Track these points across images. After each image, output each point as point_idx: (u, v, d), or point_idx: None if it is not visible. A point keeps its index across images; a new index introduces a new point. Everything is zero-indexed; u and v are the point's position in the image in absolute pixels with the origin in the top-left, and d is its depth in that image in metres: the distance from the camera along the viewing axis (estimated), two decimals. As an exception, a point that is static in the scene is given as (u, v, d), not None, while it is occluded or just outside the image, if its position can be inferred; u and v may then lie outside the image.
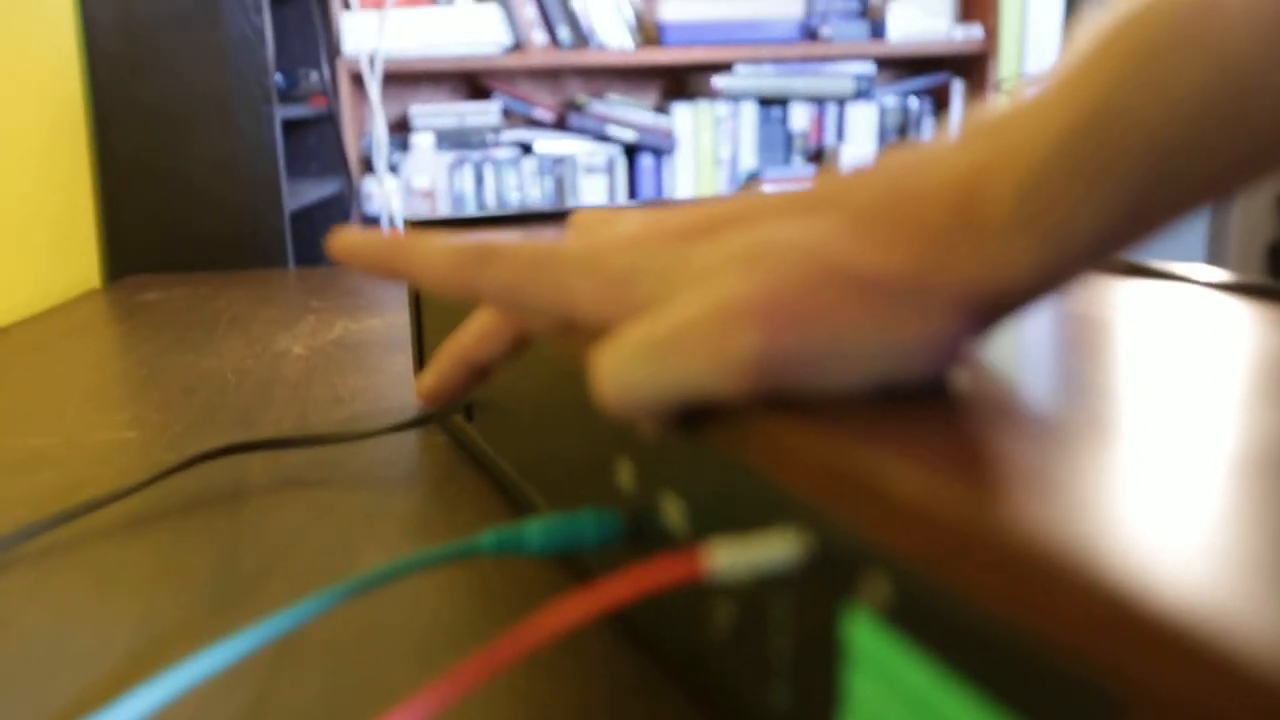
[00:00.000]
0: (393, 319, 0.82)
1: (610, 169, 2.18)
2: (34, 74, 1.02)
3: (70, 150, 1.11)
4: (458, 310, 0.47)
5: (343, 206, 1.67)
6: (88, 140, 1.16)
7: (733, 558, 0.22)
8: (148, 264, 1.19)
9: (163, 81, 1.17)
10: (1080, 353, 0.29)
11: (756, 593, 0.24)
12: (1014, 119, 0.24)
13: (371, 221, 2.05)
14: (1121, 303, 0.36)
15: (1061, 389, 0.25)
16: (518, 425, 0.41)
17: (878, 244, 0.25)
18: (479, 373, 0.39)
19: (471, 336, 0.38)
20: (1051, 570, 0.16)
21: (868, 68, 2.18)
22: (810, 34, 2.16)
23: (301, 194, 1.38)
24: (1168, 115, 0.21)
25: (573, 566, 0.37)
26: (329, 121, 1.64)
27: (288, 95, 1.41)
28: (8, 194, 0.95)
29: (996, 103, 0.25)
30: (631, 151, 2.20)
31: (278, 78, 1.31)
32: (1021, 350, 0.29)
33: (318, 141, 1.68)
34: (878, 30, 2.14)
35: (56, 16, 1.09)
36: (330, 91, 1.52)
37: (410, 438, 0.52)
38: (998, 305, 0.24)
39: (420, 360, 0.56)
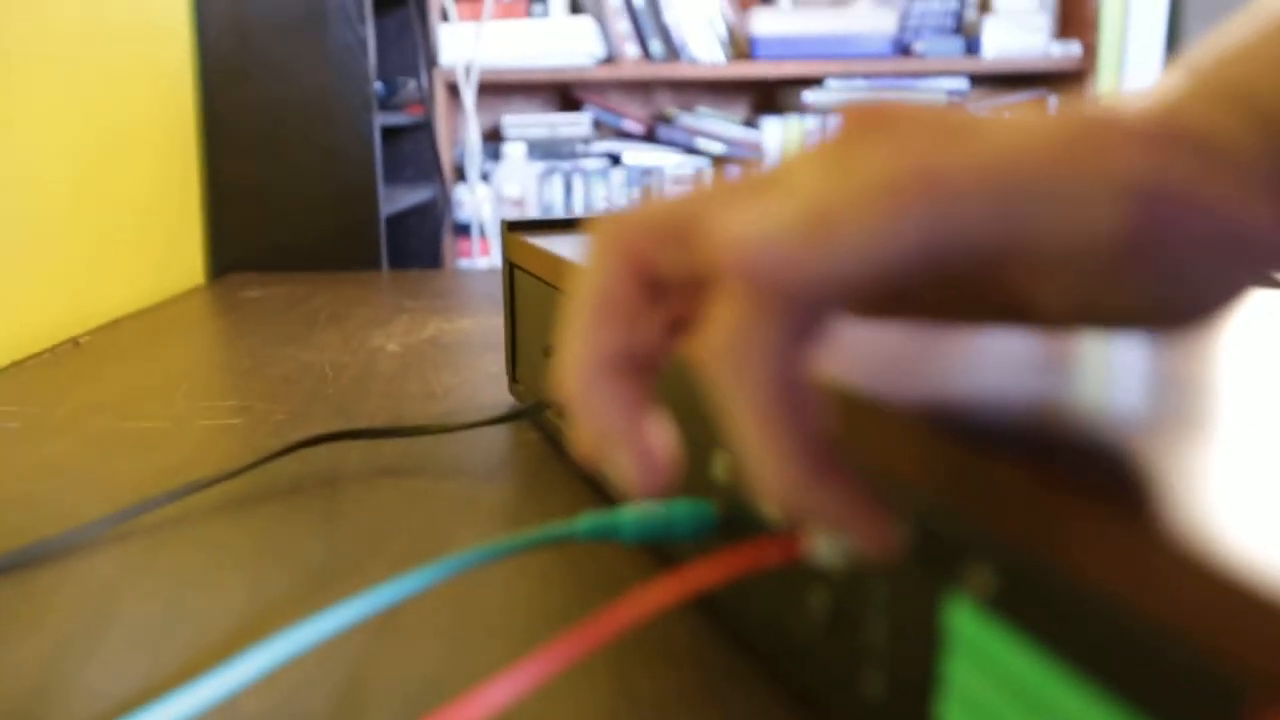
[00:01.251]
0: (484, 320, 0.84)
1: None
2: (150, 79, 1.06)
3: (181, 152, 1.15)
4: (548, 311, 0.48)
5: (435, 213, 1.70)
6: (197, 143, 1.20)
7: (833, 541, 0.22)
8: (248, 263, 1.23)
9: (270, 87, 1.21)
10: (1202, 358, 0.29)
11: (852, 580, 0.24)
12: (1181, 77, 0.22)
13: (462, 228, 2.08)
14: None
15: (1183, 390, 0.25)
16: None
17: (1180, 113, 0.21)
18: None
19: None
20: (1167, 555, 0.16)
21: (961, 84, 2.15)
22: (903, 49, 2.15)
23: (396, 199, 1.41)
24: None
25: (665, 558, 0.37)
26: (424, 129, 1.68)
27: (386, 103, 1.44)
28: (121, 193, 0.99)
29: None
30: (720, 164, 2.20)
31: (378, 86, 1.35)
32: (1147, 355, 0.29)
33: (413, 148, 1.71)
34: (972, 46, 2.12)
35: (172, 24, 1.13)
36: (427, 100, 1.55)
37: (503, 432, 0.53)
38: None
39: (513, 360, 0.57)
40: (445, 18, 1.98)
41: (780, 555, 0.22)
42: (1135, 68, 2.23)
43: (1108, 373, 0.26)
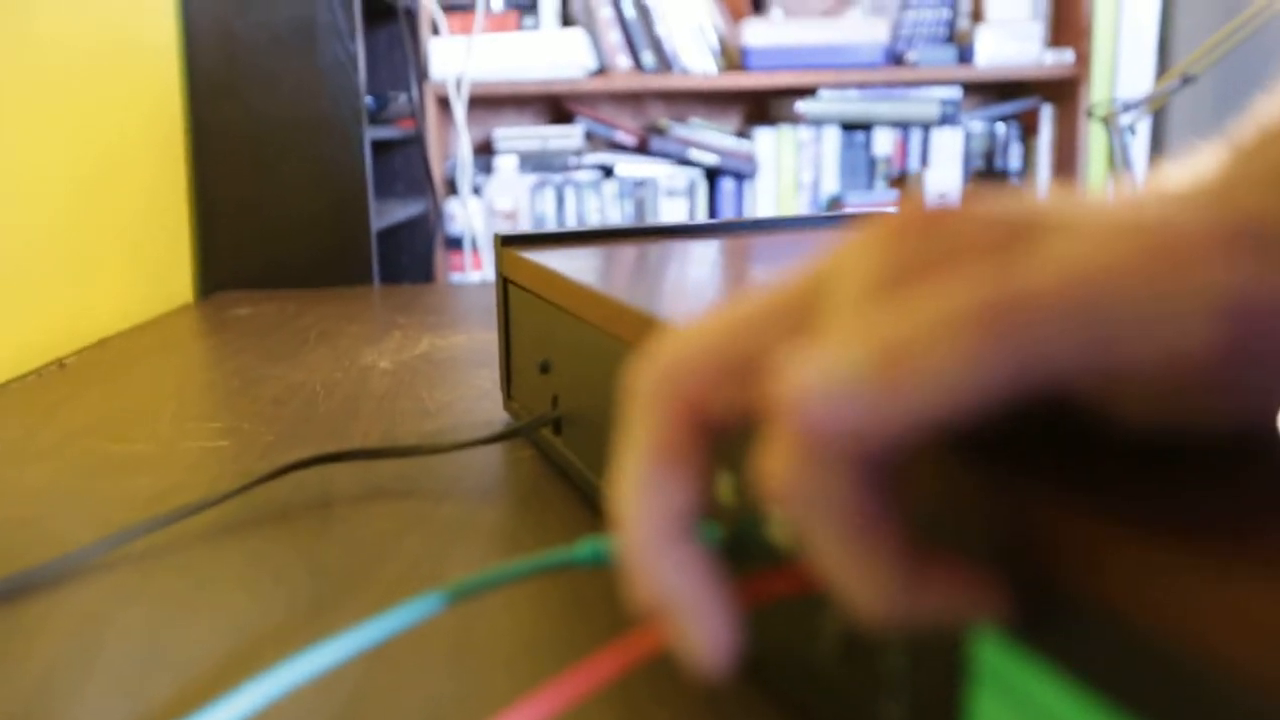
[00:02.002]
0: (477, 335, 0.83)
1: (691, 192, 2.18)
2: (138, 96, 1.05)
3: (170, 169, 1.14)
4: (543, 326, 0.47)
5: (427, 227, 1.69)
6: (186, 160, 1.19)
7: (850, 570, 0.21)
8: (237, 280, 1.22)
9: (259, 103, 1.20)
10: None
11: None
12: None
13: (454, 242, 2.07)
14: None
15: None
16: (609, 438, 0.41)
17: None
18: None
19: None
20: (1205, 584, 0.15)
21: (954, 93, 2.15)
22: (896, 59, 2.14)
23: (387, 213, 1.40)
24: None
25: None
26: (415, 143, 1.67)
27: (377, 117, 1.43)
28: (109, 211, 0.98)
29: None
30: (713, 175, 2.20)
31: (368, 100, 1.34)
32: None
33: (404, 163, 1.70)
34: (965, 55, 2.12)
35: (160, 41, 1.12)
36: (418, 114, 1.54)
37: (498, 451, 0.52)
38: None
39: (508, 377, 0.56)
40: (436, 31, 1.98)
41: (792, 586, 0.21)
42: (1127, 76, 2.23)
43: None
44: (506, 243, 0.54)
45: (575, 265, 0.46)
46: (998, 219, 0.19)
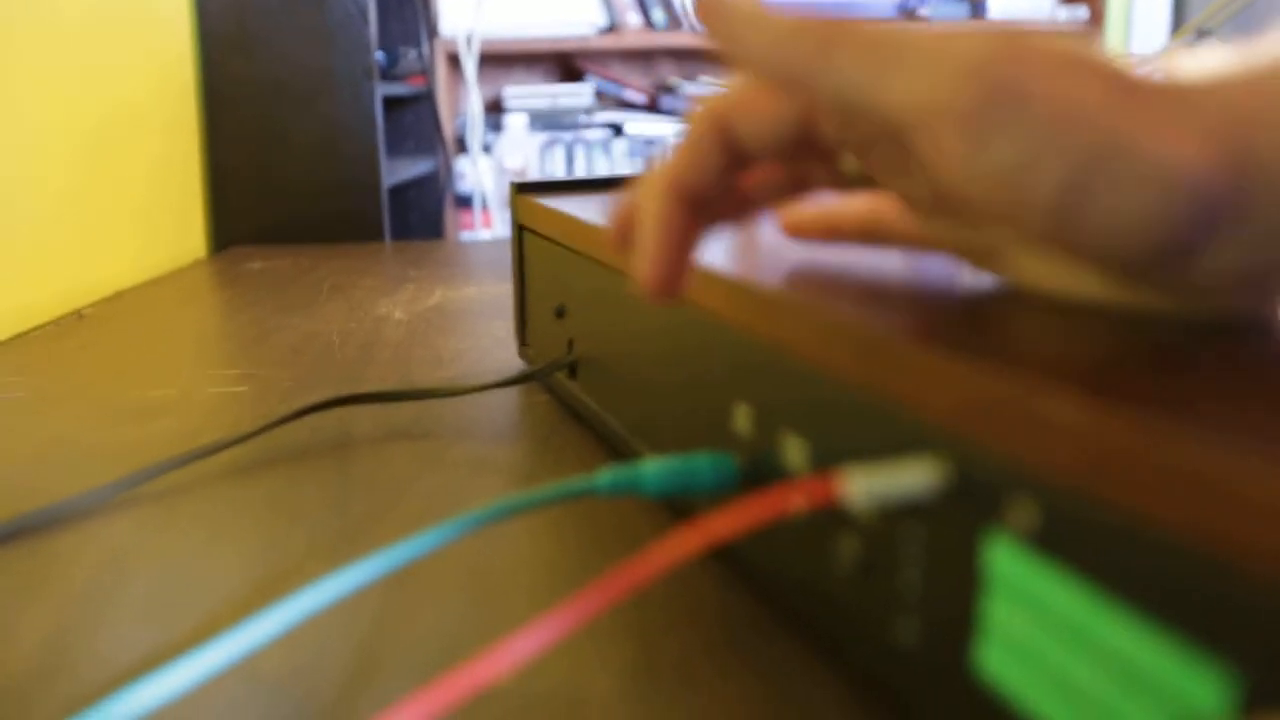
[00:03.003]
0: (490, 288, 0.83)
1: (701, 151, 2.17)
2: (149, 53, 1.05)
3: (181, 125, 1.14)
4: (558, 271, 0.47)
5: (437, 184, 1.69)
6: (197, 116, 1.19)
7: (870, 483, 0.21)
8: (250, 235, 1.22)
9: (270, 59, 1.19)
10: None
11: (885, 526, 0.24)
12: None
13: (464, 200, 2.07)
14: None
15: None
16: (624, 380, 0.41)
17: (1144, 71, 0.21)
18: (735, 160, 0.29)
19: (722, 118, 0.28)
20: (1217, 481, 0.15)
21: (966, 49, 2.13)
22: (908, 13, 2.13)
23: (398, 170, 1.40)
24: None
25: (685, 514, 0.37)
26: (426, 100, 1.66)
27: (387, 74, 1.42)
28: (123, 168, 0.98)
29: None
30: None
31: (378, 56, 1.33)
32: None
33: (414, 120, 1.70)
34: (978, 10, 2.10)
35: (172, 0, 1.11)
36: (428, 71, 1.54)
37: (513, 395, 0.53)
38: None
39: (523, 324, 0.56)
40: (445, -12, 1.97)
41: (807, 500, 0.22)
42: (1141, 31, 2.21)
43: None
44: (522, 190, 0.54)
45: (589, 210, 0.46)
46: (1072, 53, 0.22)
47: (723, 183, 0.29)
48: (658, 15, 2.07)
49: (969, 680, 0.21)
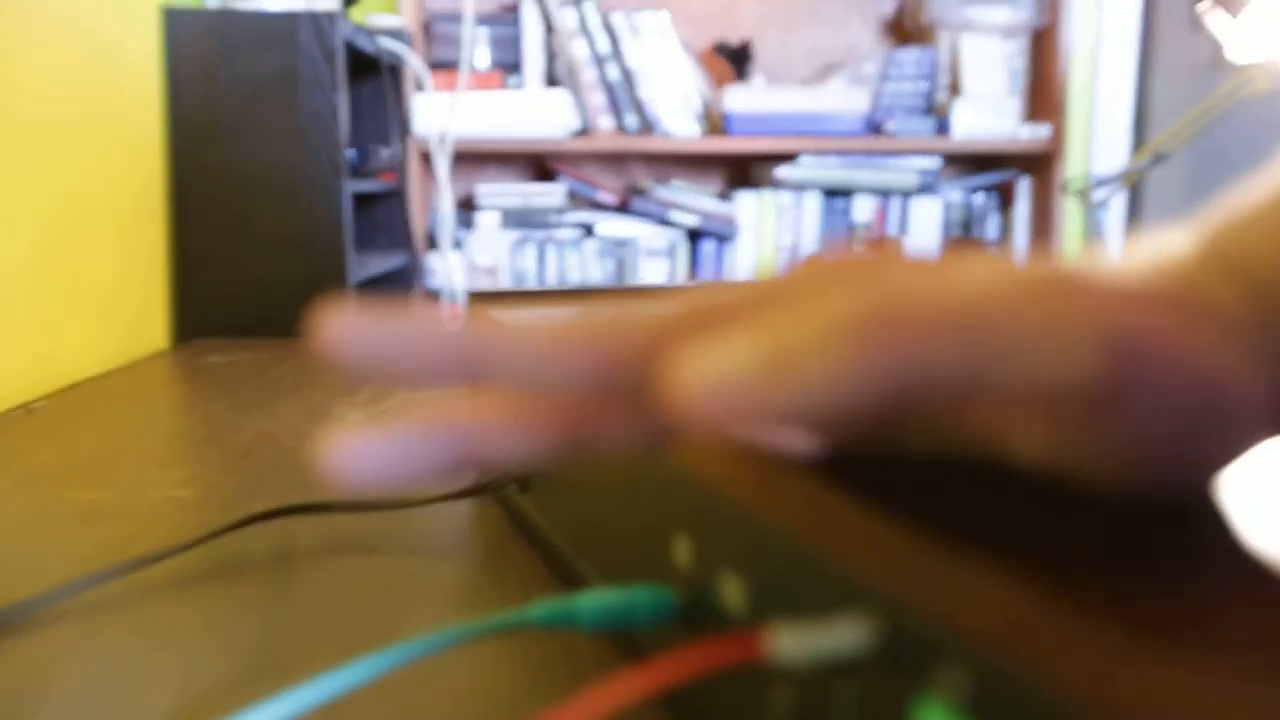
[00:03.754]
0: (450, 390, 0.82)
1: (672, 253, 2.19)
2: (119, 144, 1.06)
3: (148, 216, 1.14)
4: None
5: (406, 280, 1.69)
6: (165, 207, 1.19)
7: (796, 641, 0.21)
8: (214, 328, 1.21)
9: (240, 153, 1.20)
10: None
11: (819, 680, 0.23)
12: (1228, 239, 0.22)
13: (433, 296, 2.07)
14: None
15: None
16: (573, 499, 0.40)
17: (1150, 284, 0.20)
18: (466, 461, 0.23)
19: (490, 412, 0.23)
20: (1147, 665, 0.15)
21: (933, 163, 2.18)
22: (875, 128, 2.18)
23: (367, 265, 1.40)
24: None
25: (624, 644, 0.36)
26: (397, 197, 1.67)
27: (358, 170, 1.44)
28: (86, 257, 0.98)
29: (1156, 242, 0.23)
30: (694, 236, 2.22)
31: (350, 153, 1.35)
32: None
33: (385, 216, 1.71)
34: (943, 127, 2.15)
35: (143, 90, 1.12)
36: (400, 168, 1.55)
37: (462, 508, 0.52)
38: None
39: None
40: (420, 87, 2.00)
41: (740, 654, 0.21)
42: (1103, 150, 2.27)
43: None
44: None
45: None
46: (910, 262, 0.20)
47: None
48: (630, 120, 2.11)
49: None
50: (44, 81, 0.90)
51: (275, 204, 1.22)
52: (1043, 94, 2.20)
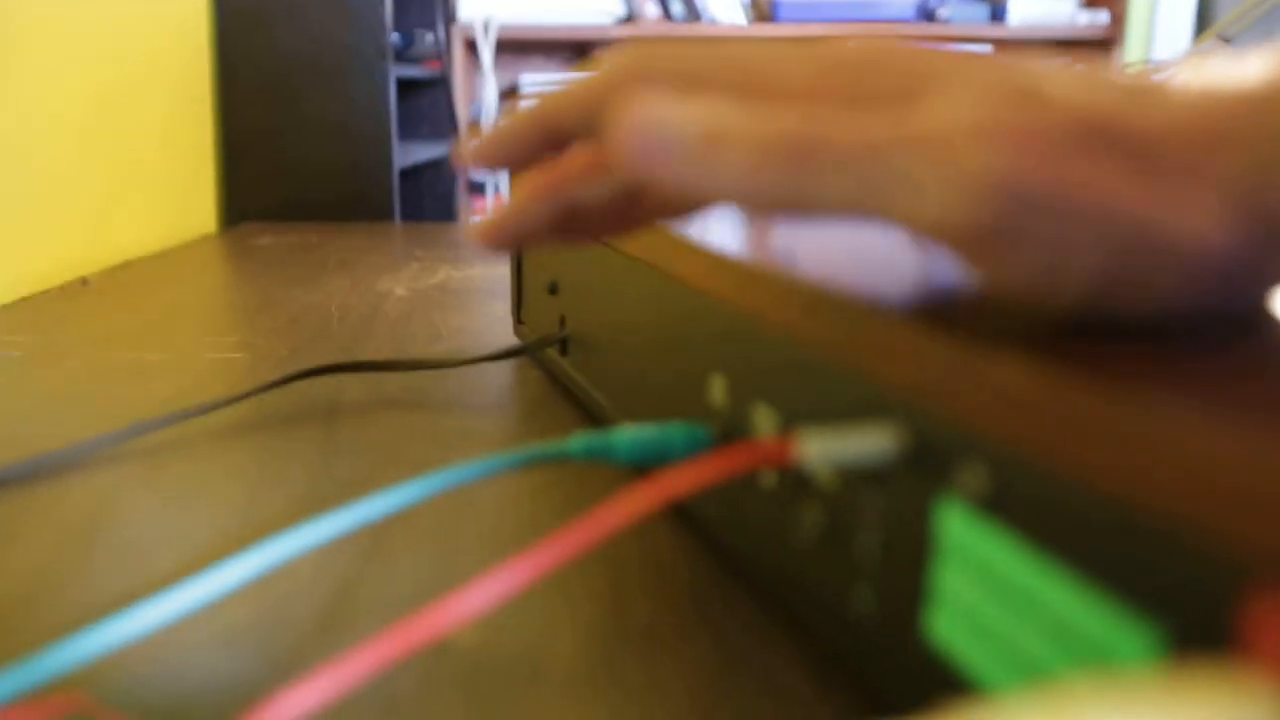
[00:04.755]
0: (494, 269, 0.83)
1: (716, 145, 2.17)
2: (165, 25, 1.06)
3: (195, 99, 1.14)
4: (554, 251, 0.48)
5: (449, 169, 1.69)
6: (212, 91, 1.19)
7: (824, 445, 0.21)
8: (260, 211, 1.22)
9: (285, 36, 1.20)
10: None
11: (846, 492, 0.24)
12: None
13: (475, 186, 2.07)
14: None
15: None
16: (610, 356, 0.41)
17: (1155, 112, 0.21)
18: (564, 213, 0.29)
19: (565, 173, 0.28)
20: (1164, 443, 0.15)
21: (986, 51, 2.13)
22: (928, 15, 2.12)
23: (411, 154, 1.40)
24: None
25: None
26: (441, 85, 1.66)
27: (403, 55, 1.43)
28: (134, 138, 0.99)
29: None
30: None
31: (394, 37, 1.33)
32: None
33: (429, 104, 1.70)
34: (998, 13, 2.09)
35: (187, -33, 1.12)
36: (444, 55, 1.54)
37: (504, 369, 0.53)
38: None
39: (519, 302, 0.56)
40: (465, -27, 1.97)
41: (764, 459, 0.22)
42: (1163, 37, 2.20)
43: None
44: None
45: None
46: (913, 69, 0.23)
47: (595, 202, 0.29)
48: (676, 7, 2.07)
49: (921, 646, 0.21)
50: (88, -42, 0.90)
51: (320, 88, 1.22)
52: (1103, -21, 2.12)
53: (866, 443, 0.21)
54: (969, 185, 0.19)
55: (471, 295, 0.72)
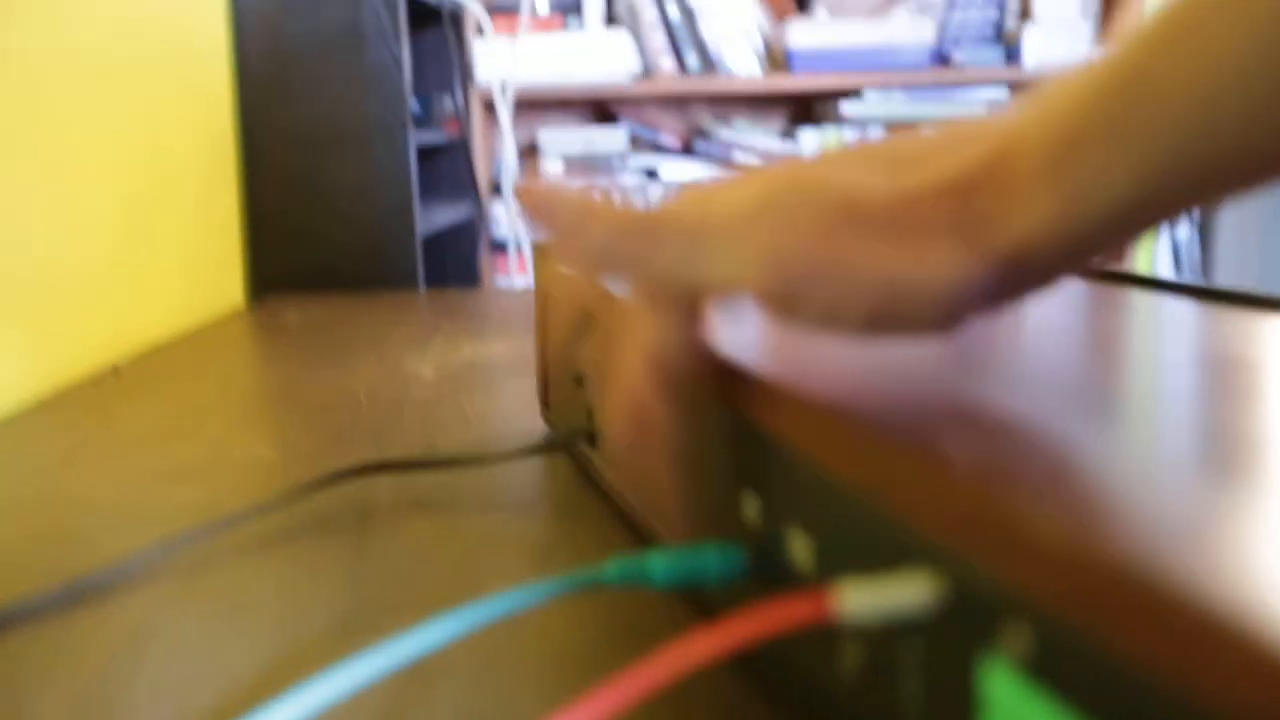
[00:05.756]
0: (518, 342, 0.83)
1: (735, 194, 2.18)
2: (190, 102, 1.07)
3: (221, 174, 1.16)
4: (579, 343, 0.48)
5: (471, 230, 1.71)
6: (236, 165, 1.21)
7: (863, 600, 0.21)
8: (287, 283, 1.24)
9: (307, 107, 1.22)
10: (1219, 396, 0.28)
11: (886, 637, 0.24)
12: (1060, 84, 0.24)
13: (499, 245, 2.09)
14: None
15: (1195, 433, 0.24)
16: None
17: (901, 183, 0.26)
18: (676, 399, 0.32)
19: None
20: (1210, 623, 0.15)
21: (1002, 93, 2.13)
22: (942, 59, 2.13)
23: (433, 218, 1.42)
24: (1206, 79, 0.21)
25: (694, 598, 0.37)
26: (460, 147, 1.68)
27: (422, 121, 1.45)
28: (164, 216, 1.00)
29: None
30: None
31: (413, 104, 1.35)
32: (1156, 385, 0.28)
33: (449, 166, 1.72)
34: (1013, 55, 2.10)
35: (211, 46, 1.14)
36: (463, 118, 1.56)
37: (535, 463, 0.53)
38: (1015, 261, 0.24)
39: (545, 388, 0.56)
40: (481, 33, 1.99)
41: (807, 614, 0.22)
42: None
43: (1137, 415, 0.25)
44: (545, 253, 0.55)
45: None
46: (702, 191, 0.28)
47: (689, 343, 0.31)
48: (691, 60, 2.09)
49: (968, 799, 0.21)
50: (113, 39, 0.92)
51: (342, 158, 1.23)
52: (1117, 17, 2.12)
53: (905, 595, 0.21)
54: (753, 259, 0.25)
55: (497, 375, 0.72)
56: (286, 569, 0.40)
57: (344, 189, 1.24)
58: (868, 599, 0.21)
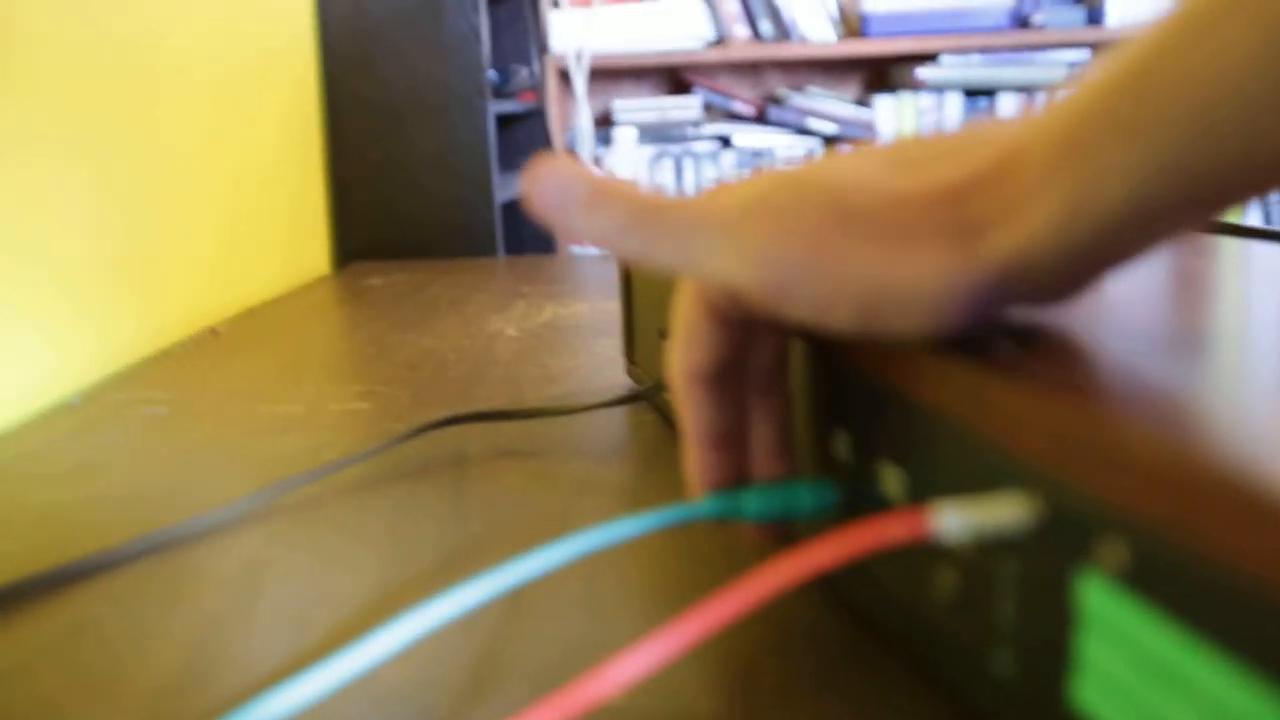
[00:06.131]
0: (599, 304, 0.85)
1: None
2: (276, 73, 1.10)
3: (306, 145, 1.19)
4: (663, 292, 0.49)
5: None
6: (320, 135, 1.24)
7: (960, 518, 0.22)
8: (369, 251, 1.26)
9: (388, 78, 1.24)
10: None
11: (980, 558, 0.24)
12: (1069, 90, 0.24)
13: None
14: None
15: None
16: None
17: (899, 185, 0.26)
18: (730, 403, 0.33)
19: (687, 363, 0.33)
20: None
21: (1083, 55, 2.09)
22: (1021, 22, 2.09)
23: (510, 186, 1.43)
24: (1214, 80, 0.20)
25: (785, 537, 0.38)
26: (537, 116, 1.70)
27: (500, 91, 1.46)
28: (253, 186, 1.03)
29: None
30: (832, 143, 2.18)
31: (491, 74, 1.37)
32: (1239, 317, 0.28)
33: (526, 136, 1.74)
34: (1095, 16, 2.05)
35: (296, 18, 1.16)
36: (539, 87, 1.57)
37: (620, 414, 0.54)
38: (1007, 269, 0.24)
39: (630, 343, 0.57)
40: (556, 4, 2.00)
41: (904, 532, 0.22)
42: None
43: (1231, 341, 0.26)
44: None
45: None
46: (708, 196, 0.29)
47: (738, 354, 0.32)
48: (765, 27, 2.08)
49: (1064, 713, 0.22)
50: (202, 15, 0.94)
51: (422, 128, 1.25)
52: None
53: (1001, 515, 0.22)
54: (747, 255, 0.26)
55: (578, 333, 0.74)
56: (390, 509, 0.42)
57: (424, 159, 1.26)
58: (964, 518, 0.22)
